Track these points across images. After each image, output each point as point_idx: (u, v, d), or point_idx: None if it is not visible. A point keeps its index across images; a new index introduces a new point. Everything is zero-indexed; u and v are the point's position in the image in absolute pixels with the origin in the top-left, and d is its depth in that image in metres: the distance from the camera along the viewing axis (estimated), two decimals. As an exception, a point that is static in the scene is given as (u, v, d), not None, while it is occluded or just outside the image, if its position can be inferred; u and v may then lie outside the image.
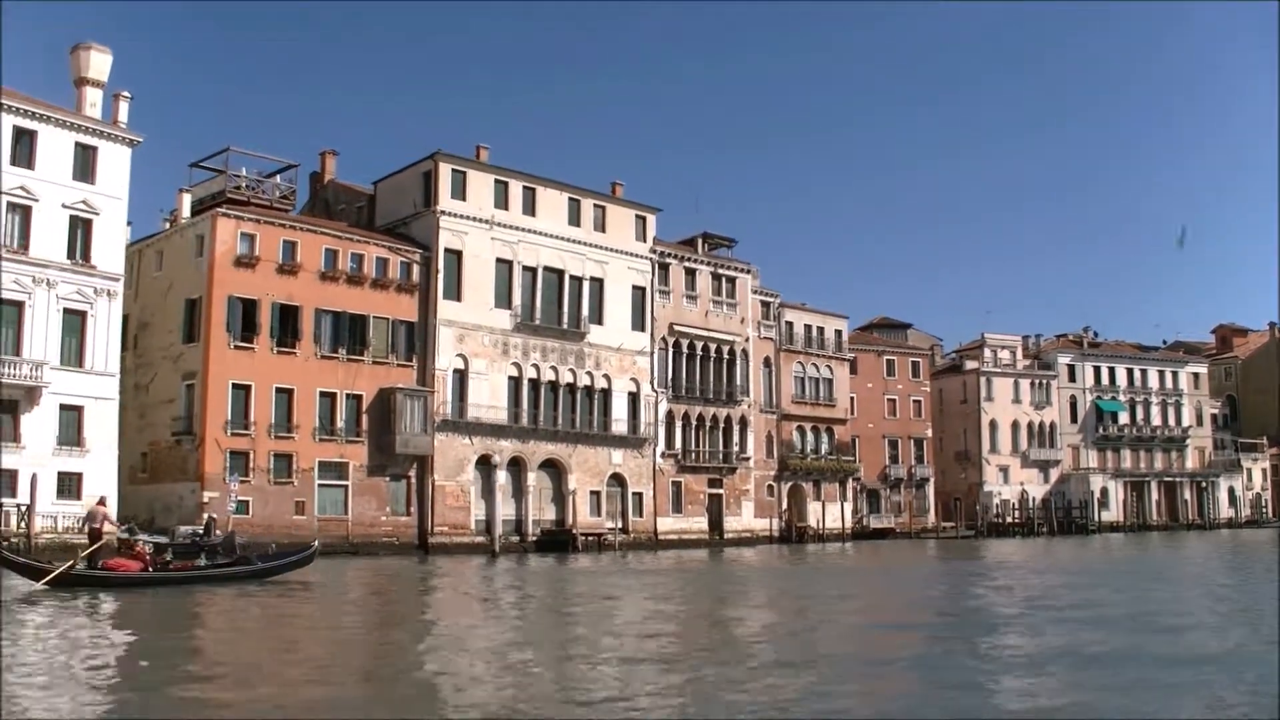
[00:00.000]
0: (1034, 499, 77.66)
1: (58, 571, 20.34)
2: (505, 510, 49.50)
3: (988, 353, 79.07)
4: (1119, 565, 40.53)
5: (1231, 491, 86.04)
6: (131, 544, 22.50)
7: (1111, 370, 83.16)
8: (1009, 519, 75.25)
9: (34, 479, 35.92)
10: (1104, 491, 79.73)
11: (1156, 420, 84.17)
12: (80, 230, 40.04)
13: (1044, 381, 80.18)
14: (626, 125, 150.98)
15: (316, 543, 28.30)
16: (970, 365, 78.86)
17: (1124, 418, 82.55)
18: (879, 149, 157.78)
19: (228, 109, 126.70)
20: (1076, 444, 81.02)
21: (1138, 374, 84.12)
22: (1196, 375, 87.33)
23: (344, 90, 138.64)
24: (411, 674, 13.23)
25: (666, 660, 14.23)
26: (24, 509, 35.72)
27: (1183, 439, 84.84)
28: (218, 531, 40.91)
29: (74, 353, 39.61)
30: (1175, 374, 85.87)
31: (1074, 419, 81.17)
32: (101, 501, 25.63)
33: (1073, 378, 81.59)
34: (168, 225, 49.60)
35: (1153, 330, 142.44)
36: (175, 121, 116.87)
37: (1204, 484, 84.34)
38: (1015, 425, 78.68)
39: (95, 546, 21.99)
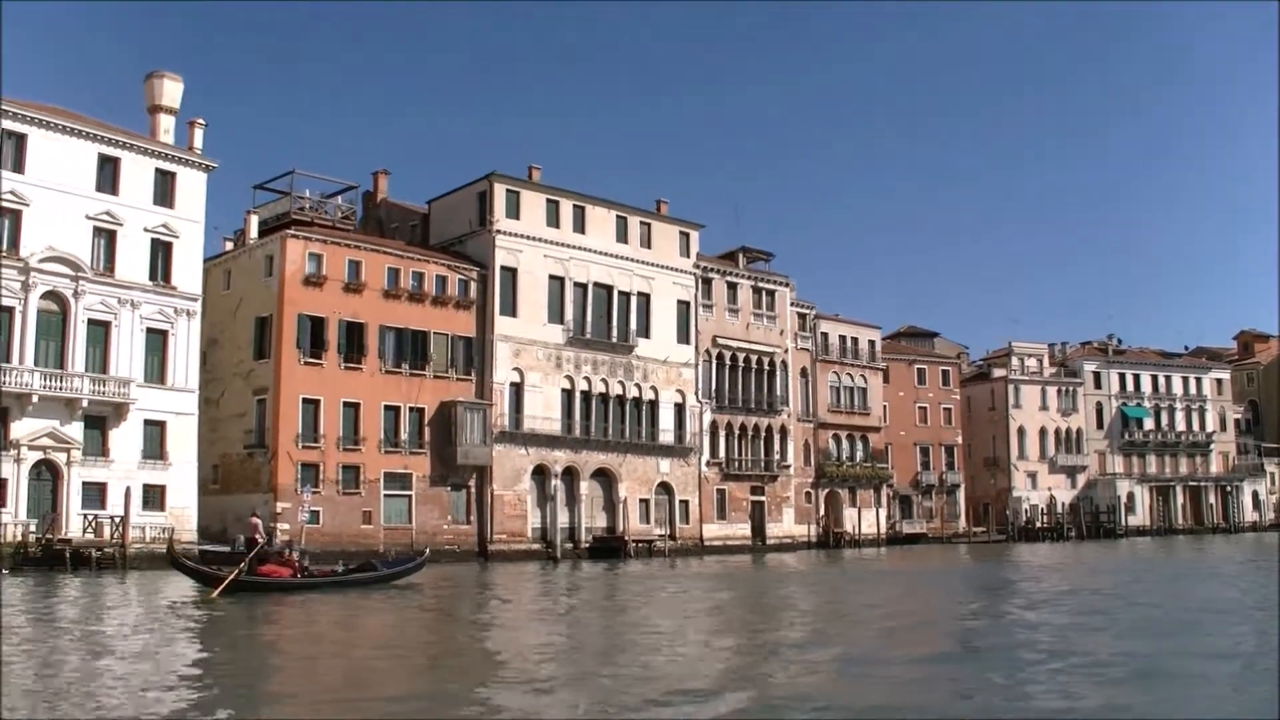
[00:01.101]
0: (1062, 504, 79.01)
1: (228, 580, 22.10)
2: (560, 518, 51.09)
3: (1015, 361, 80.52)
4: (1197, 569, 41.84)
5: (1255, 495, 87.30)
6: (282, 552, 24.31)
7: (1136, 377, 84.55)
8: (1038, 524, 76.59)
9: (127, 492, 37.69)
10: (1130, 496, 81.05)
11: (1181, 426, 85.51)
12: (161, 253, 41.86)
13: (1070, 389, 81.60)
14: (667, 142, 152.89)
15: (427, 551, 30.13)
16: (998, 373, 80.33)
17: (1149, 423, 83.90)
18: (905, 161, 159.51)
19: (276, 131, 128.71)
20: (1103, 450, 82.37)
21: (1162, 380, 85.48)
22: (1220, 381, 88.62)
23: (390, 113, 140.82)
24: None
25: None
26: (117, 520, 37.49)
27: (1207, 444, 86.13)
28: (277, 540, 42.77)
29: (156, 370, 41.39)
30: (1199, 380, 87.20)
31: (1100, 425, 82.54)
32: (255, 514, 27.32)
33: (1098, 384, 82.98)
34: (230, 245, 51.38)
35: (1175, 336, 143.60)
36: (224, 143, 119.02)
37: (1228, 488, 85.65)
38: (1043, 432, 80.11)
39: (253, 553, 23.82)
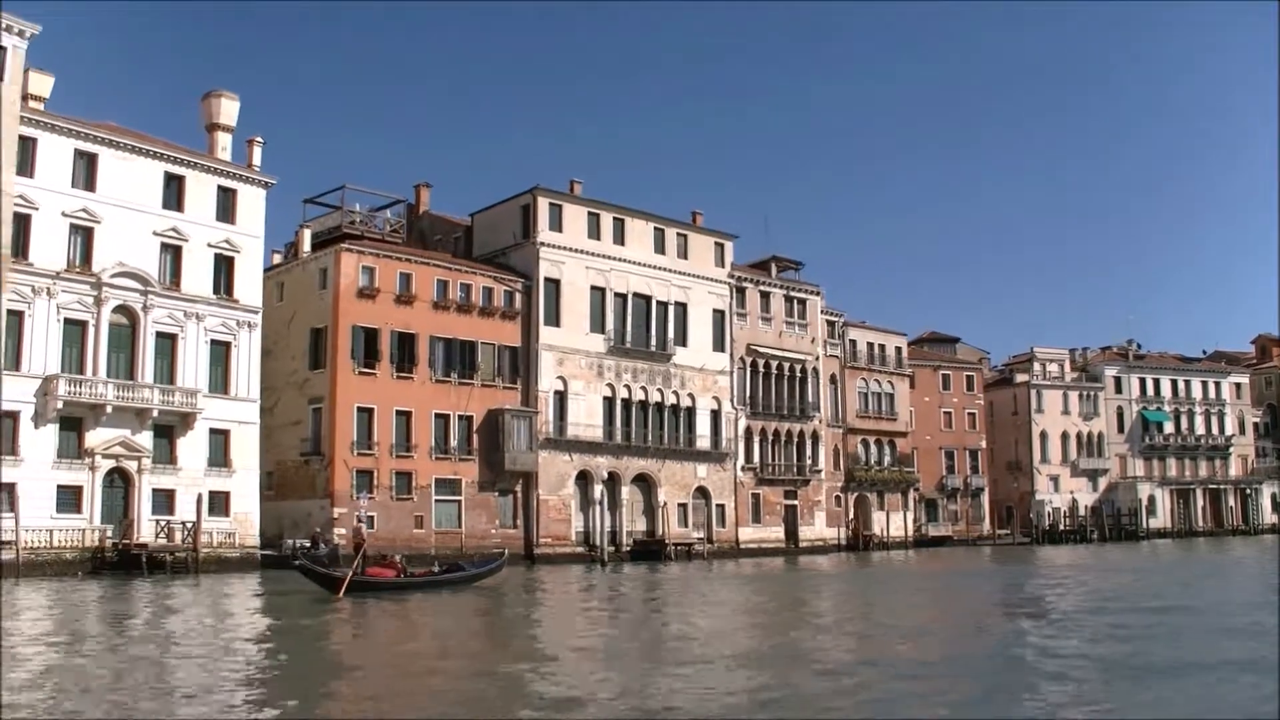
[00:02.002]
0: (1085, 507, 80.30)
1: (347, 582, 23.62)
2: (602, 522, 52.47)
3: (1037, 366, 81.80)
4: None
5: (1274, 498, 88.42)
6: (384, 555, 25.86)
7: (1156, 381, 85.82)
8: (1061, 527, 77.90)
9: (199, 498, 39.25)
10: (1151, 499, 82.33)
11: (1200, 429, 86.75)
12: (224, 267, 43.37)
13: (1091, 393, 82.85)
14: (696, 152, 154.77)
15: (505, 553, 31.70)
16: (1020, 378, 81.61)
17: (1169, 427, 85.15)
18: (924, 169, 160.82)
19: (317, 145, 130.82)
20: (1123, 453, 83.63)
21: (1181, 385, 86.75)
22: (1238, 385, 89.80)
23: (428, 126, 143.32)
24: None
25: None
26: (189, 526, 38.98)
27: (1226, 447, 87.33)
28: (322, 544, 44.39)
29: (219, 380, 42.87)
30: (1218, 384, 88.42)
31: (1121, 429, 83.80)
32: (359, 521, 28.80)
33: (1119, 389, 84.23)
34: (279, 258, 52.84)
35: (1193, 341, 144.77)
36: (268, 157, 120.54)
37: (1248, 491, 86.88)
38: (1065, 436, 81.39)
39: (361, 556, 25.36)
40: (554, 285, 52.21)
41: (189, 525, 38.98)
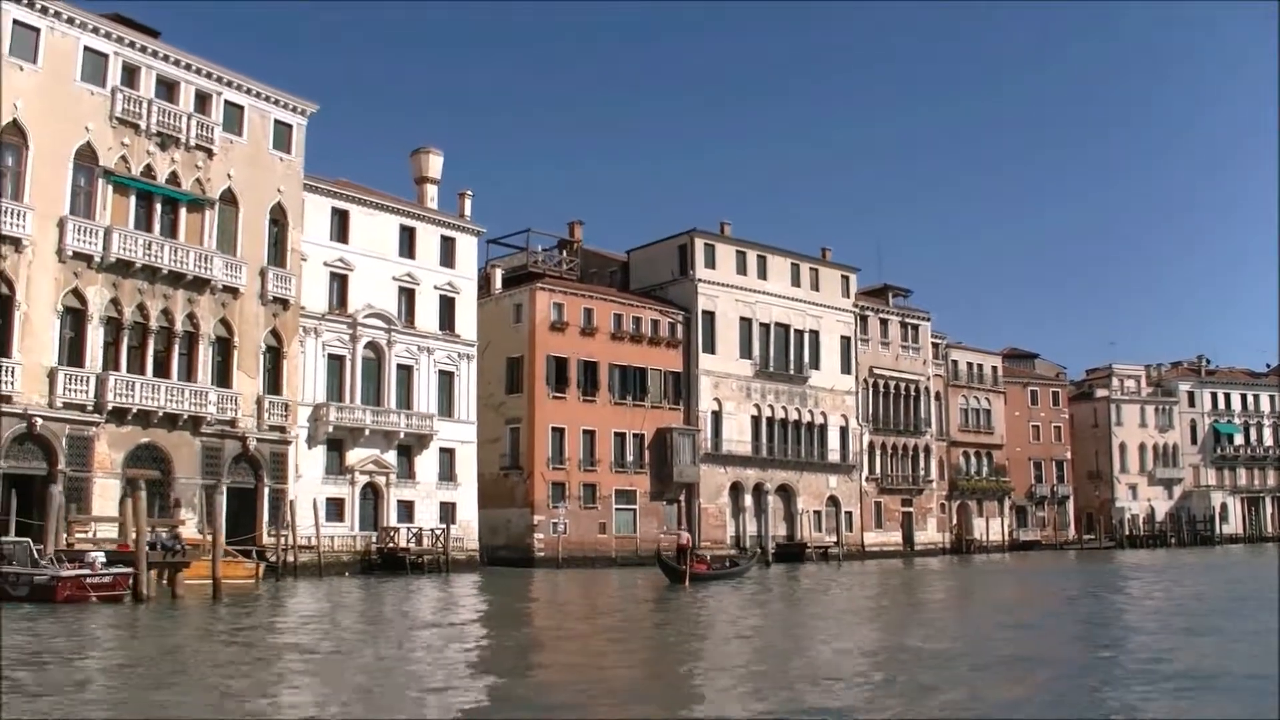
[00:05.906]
0: (1162, 513, 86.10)
1: (688, 574, 30.32)
2: (749, 527, 58.93)
3: (1115, 381, 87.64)
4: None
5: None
6: (698, 554, 32.69)
7: (1227, 396, 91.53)
8: (1140, 532, 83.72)
9: (443, 508, 46.32)
10: (1223, 507, 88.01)
11: (1269, 441, 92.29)
12: (446, 306, 49.98)
13: (1166, 407, 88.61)
14: (795, 176, 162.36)
15: (758, 550, 38.39)
16: (1100, 393, 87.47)
17: (1239, 439, 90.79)
18: (993, 192, 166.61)
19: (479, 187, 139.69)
20: (1197, 463, 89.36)
21: (1251, 399, 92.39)
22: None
23: (582, 167, 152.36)
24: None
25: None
26: (437, 532, 45.64)
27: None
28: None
29: (446, 405, 49.48)
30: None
31: (1194, 441, 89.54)
32: (684, 528, 35.53)
33: (1192, 403, 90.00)
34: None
35: (1258, 355, 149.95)
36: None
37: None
38: (1142, 447, 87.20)
39: (688, 559, 32.06)
40: (709, 317, 58.66)
41: (437, 531, 45.62)
